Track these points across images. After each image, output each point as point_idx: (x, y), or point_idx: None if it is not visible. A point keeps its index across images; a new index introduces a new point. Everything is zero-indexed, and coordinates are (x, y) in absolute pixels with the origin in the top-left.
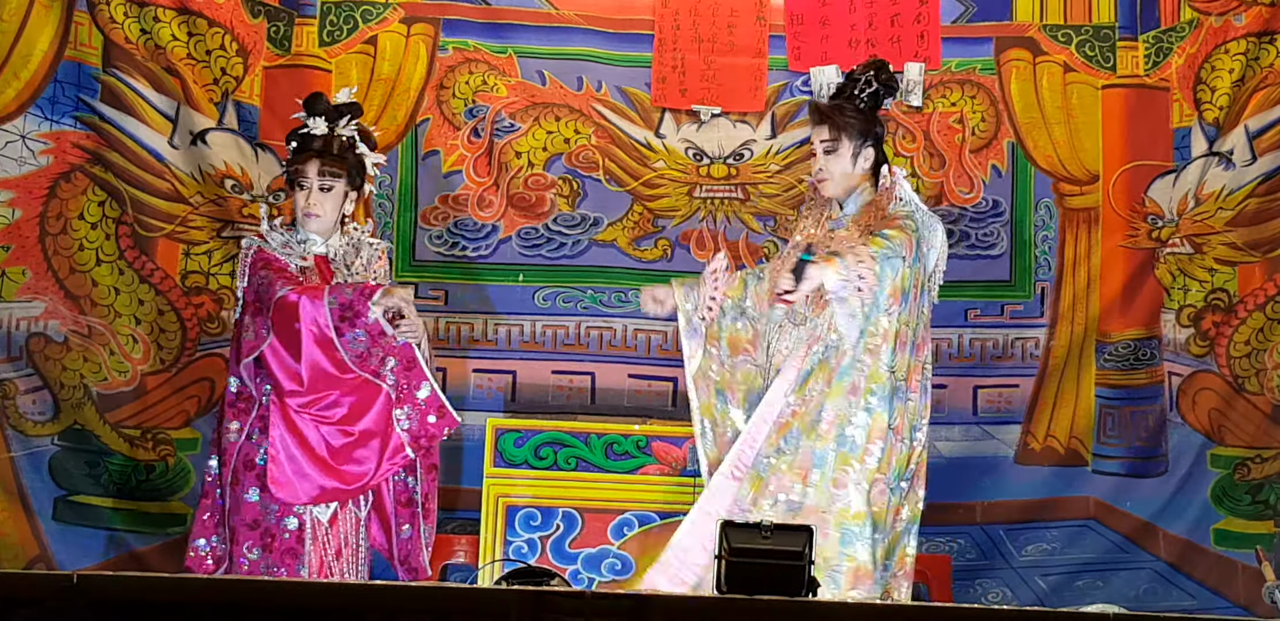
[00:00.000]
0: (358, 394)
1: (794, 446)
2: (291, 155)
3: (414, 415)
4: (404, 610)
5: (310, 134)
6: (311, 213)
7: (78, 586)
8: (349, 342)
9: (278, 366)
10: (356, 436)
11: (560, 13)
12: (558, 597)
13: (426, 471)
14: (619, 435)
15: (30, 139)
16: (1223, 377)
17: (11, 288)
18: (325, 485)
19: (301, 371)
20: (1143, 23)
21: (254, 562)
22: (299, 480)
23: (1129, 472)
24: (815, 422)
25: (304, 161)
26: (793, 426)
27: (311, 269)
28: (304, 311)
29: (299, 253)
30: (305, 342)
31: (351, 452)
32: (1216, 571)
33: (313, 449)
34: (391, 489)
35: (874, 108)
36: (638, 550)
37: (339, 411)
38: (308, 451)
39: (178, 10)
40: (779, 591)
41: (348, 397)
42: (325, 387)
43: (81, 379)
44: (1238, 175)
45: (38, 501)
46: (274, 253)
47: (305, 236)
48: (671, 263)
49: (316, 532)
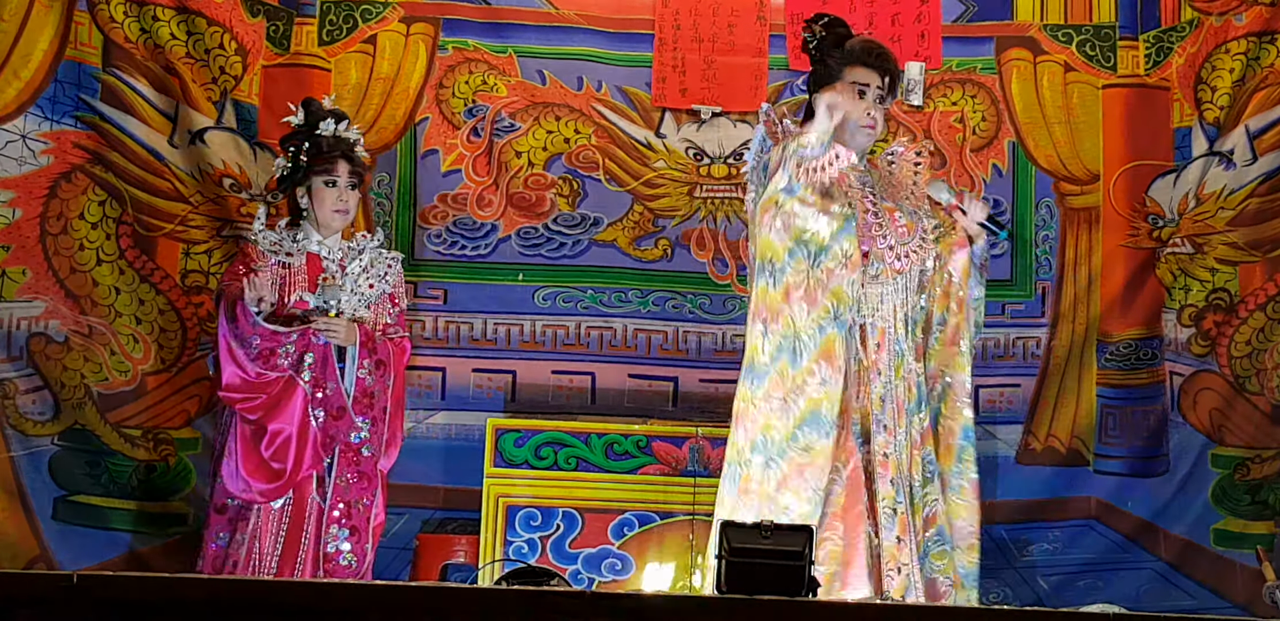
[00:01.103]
0: (279, 393)
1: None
2: (310, 155)
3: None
4: (404, 610)
5: (322, 135)
6: (343, 209)
7: (78, 586)
8: (247, 346)
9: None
10: (273, 433)
11: (560, 12)
12: (558, 597)
13: (376, 367)
14: (619, 435)
15: (31, 139)
16: (1224, 377)
17: (12, 287)
18: (253, 483)
19: (224, 375)
20: (1143, 22)
21: (220, 547)
22: (230, 478)
23: (1130, 472)
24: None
25: (333, 161)
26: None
27: (300, 267)
28: (220, 320)
29: (287, 249)
30: (220, 348)
31: (273, 450)
32: (1217, 571)
33: (249, 445)
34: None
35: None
36: (638, 550)
37: (259, 410)
38: (244, 446)
39: (177, 9)
40: (779, 591)
41: (269, 396)
42: (248, 390)
43: (82, 379)
44: (1238, 175)
45: (38, 501)
46: (260, 250)
47: (307, 234)
48: (672, 262)
49: (266, 518)
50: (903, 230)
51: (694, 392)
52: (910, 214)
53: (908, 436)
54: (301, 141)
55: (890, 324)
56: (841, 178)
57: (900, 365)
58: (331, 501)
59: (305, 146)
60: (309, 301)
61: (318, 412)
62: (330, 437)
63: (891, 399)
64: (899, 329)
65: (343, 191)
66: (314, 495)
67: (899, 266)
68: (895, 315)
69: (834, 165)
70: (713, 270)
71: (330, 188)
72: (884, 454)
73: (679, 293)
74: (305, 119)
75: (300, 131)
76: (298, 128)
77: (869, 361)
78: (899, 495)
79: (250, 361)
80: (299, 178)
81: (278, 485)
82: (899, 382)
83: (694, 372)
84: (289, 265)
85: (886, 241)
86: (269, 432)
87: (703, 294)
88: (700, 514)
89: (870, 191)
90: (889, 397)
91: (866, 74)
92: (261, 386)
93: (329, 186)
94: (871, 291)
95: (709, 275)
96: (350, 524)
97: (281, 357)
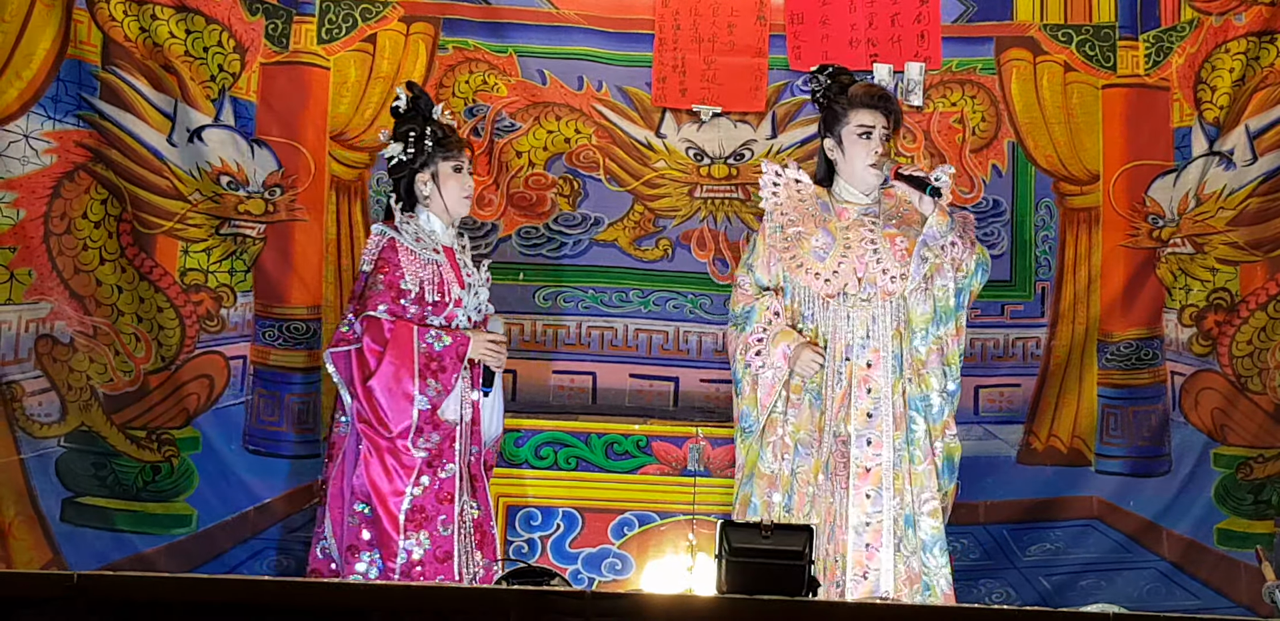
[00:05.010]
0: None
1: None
2: (435, 141)
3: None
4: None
5: (438, 121)
6: (470, 196)
7: (79, 586)
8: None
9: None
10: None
11: (560, 12)
12: (558, 597)
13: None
14: (619, 435)
15: (33, 138)
16: (1225, 377)
17: (19, 289)
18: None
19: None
20: (1143, 22)
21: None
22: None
23: (1132, 472)
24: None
25: (460, 146)
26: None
27: (444, 263)
28: (389, 355)
29: (430, 244)
30: (379, 381)
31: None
32: (1219, 571)
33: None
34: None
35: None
36: (638, 550)
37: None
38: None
39: (176, 7)
40: (779, 591)
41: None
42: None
43: (88, 380)
44: (1238, 175)
45: (46, 503)
46: (407, 246)
47: (432, 227)
48: (672, 262)
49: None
50: (901, 253)
51: (694, 392)
52: (916, 236)
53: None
54: (421, 127)
55: (883, 343)
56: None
57: (898, 382)
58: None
59: (427, 132)
60: (469, 313)
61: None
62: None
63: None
64: (891, 346)
65: (467, 177)
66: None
67: (891, 288)
68: (886, 333)
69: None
70: (713, 270)
71: (458, 173)
72: (865, 468)
73: (679, 293)
74: (413, 104)
75: (409, 116)
76: (405, 113)
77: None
78: (872, 505)
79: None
80: (420, 164)
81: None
82: (896, 398)
83: (694, 373)
84: (439, 263)
85: (880, 266)
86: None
87: (703, 294)
88: (700, 514)
89: (871, 221)
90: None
91: (871, 116)
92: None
93: (457, 172)
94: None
95: (709, 275)
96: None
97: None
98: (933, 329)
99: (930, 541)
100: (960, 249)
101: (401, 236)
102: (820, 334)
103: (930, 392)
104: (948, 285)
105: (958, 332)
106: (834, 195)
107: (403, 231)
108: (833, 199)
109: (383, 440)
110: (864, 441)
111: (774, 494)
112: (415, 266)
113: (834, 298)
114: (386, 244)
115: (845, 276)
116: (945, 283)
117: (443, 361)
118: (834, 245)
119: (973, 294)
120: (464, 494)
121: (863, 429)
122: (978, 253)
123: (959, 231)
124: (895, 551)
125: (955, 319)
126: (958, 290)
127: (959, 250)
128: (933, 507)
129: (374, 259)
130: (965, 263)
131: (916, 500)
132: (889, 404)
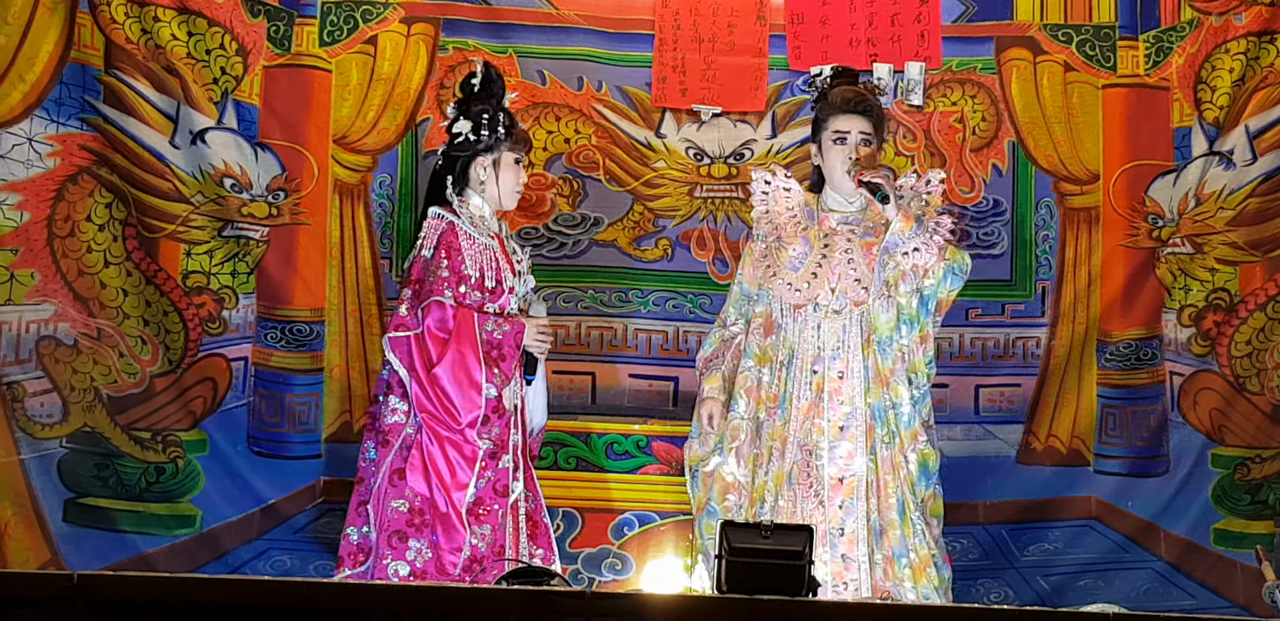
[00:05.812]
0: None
1: None
2: (506, 128)
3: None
4: (405, 610)
5: (508, 109)
6: (521, 192)
7: (78, 586)
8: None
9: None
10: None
11: (560, 13)
12: (558, 597)
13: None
14: (619, 435)
15: (37, 141)
16: (1224, 377)
17: (21, 290)
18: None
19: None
20: (1143, 22)
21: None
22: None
23: (1131, 472)
24: None
25: (527, 142)
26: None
27: (496, 249)
28: (455, 341)
29: (485, 230)
30: (445, 369)
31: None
32: (1217, 571)
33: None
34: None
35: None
36: (638, 550)
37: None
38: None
39: (178, 10)
40: (779, 591)
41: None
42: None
43: (91, 381)
44: (1238, 175)
45: (47, 504)
46: (465, 230)
47: (483, 212)
48: (672, 262)
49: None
50: (875, 263)
51: (694, 392)
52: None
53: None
54: (495, 111)
55: (854, 353)
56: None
57: (868, 392)
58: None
59: (500, 117)
60: (519, 301)
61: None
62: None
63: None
64: (862, 356)
65: (523, 173)
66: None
67: (860, 298)
68: (857, 344)
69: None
70: (713, 270)
71: (517, 165)
72: (838, 478)
73: (679, 292)
74: (485, 85)
75: (481, 97)
76: (477, 92)
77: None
78: (846, 516)
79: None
80: (485, 148)
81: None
82: (866, 409)
83: (694, 372)
84: (494, 249)
85: (854, 275)
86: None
87: (703, 294)
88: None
89: (850, 230)
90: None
91: (847, 121)
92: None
93: (517, 164)
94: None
95: (709, 275)
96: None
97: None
98: (896, 336)
99: (901, 550)
100: (924, 255)
101: (460, 220)
102: (788, 343)
103: (900, 401)
104: (912, 292)
105: (922, 341)
106: (820, 202)
107: (460, 215)
108: (818, 206)
109: (447, 430)
110: (836, 453)
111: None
112: (474, 251)
113: (803, 308)
114: (446, 228)
115: (818, 287)
116: (909, 289)
117: (502, 349)
118: (810, 255)
119: (943, 301)
120: (519, 484)
121: (835, 440)
122: (951, 258)
123: (924, 237)
124: (870, 563)
125: (920, 327)
126: (925, 297)
127: (922, 256)
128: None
129: (434, 243)
130: (933, 270)
131: (888, 509)
132: (861, 414)
